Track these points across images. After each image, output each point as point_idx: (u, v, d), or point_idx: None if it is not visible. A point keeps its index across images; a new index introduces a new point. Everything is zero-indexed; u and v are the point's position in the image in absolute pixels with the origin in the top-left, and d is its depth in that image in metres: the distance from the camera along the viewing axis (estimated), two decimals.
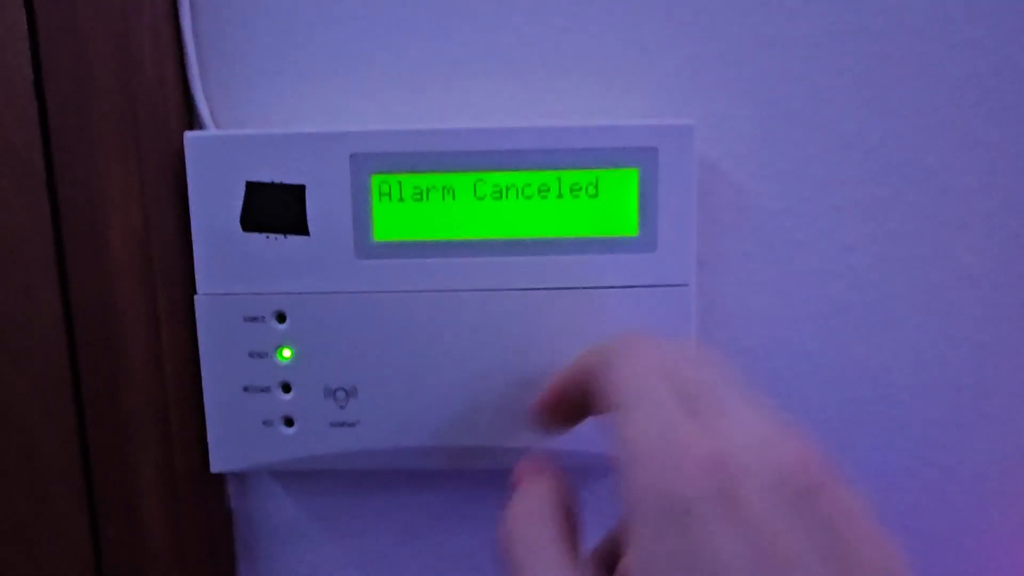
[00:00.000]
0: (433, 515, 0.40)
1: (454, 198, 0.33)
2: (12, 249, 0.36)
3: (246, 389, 0.34)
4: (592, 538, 0.28)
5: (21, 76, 0.35)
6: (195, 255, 0.34)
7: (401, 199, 0.33)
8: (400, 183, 0.33)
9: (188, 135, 0.33)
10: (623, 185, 0.33)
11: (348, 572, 0.41)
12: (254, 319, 0.34)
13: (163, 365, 0.36)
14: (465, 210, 0.33)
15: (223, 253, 0.34)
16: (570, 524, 0.25)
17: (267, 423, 0.35)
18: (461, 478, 0.40)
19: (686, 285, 0.34)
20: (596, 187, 0.33)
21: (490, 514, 0.40)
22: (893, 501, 0.40)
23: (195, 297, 0.34)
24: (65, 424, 0.37)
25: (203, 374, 0.34)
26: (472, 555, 0.41)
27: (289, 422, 0.35)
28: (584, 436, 0.34)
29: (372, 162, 0.33)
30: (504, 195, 0.33)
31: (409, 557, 0.41)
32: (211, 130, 0.35)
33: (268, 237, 0.33)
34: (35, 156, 0.35)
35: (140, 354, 0.36)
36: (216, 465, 0.35)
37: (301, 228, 0.33)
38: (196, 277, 0.34)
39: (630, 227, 0.33)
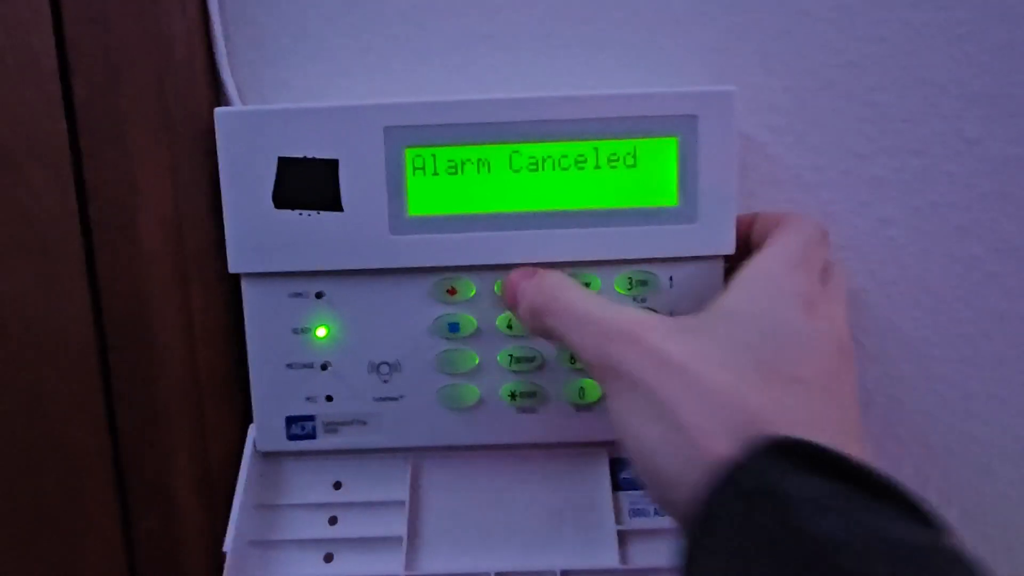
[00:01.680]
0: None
1: (489, 171, 0.33)
2: (41, 237, 0.35)
3: (290, 366, 0.34)
4: None
5: (46, 61, 0.34)
6: (227, 234, 0.33)
7: (436, 172, 0.33)
8: (435, 156, 0.33)
9: (219, 111, 0.33)
10: (662, 154, 0.32)
11: None
12: (294, 295, 0.33)
13: (196, 350, 0.36)
14: (501, 182, 0.33)
15: (257, 231, 0.33)
16: None
17: (310, 399, 0.34)
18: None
19: (729, 256, 0.33)
20: (634, 157, 0.32)
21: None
22: (935, 476, 0.39)
23: (241, 276, 0.33)
24: (95, 414, 0.37)
25: (249, 353, 0.34)
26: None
27: (329, 399, 0.34)
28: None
29: (406, 135, 0.32)
30: (540, 167, 0.33)
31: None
32: (240, 106, 0.35)
33: (301, 214, 0.33)
34: (61, 142, 0.35)
35: (173, 340, 0.36)
36: (263, 444, 0.35)
37: (335, 204, 0.33)
38: (228, 257, 0.33)
39: (670, 197, 0.33)
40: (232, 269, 0.34)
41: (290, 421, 0.34)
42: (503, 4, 0.35)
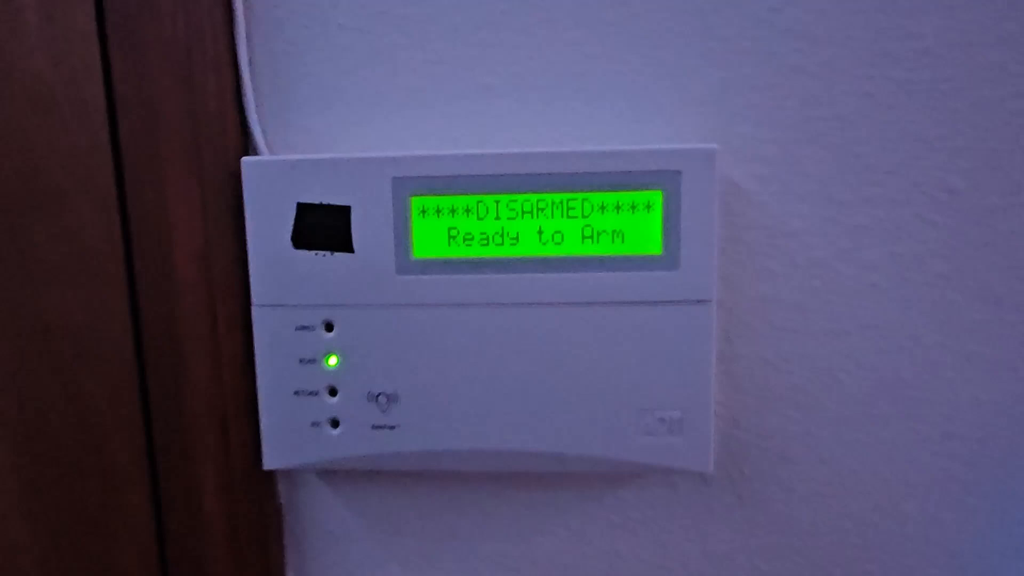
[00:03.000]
0: (472, 517, 0.42)
1: (487, 218, 0.35)
2: (87, 264, 0.39)
3: (296, 393, 0.37)
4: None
5: (95, 108, 0.38)
6: (251, 270, 0.37)
7: (438, 218, 0.36)
8: (437, 204, 0.36)
9: (245, 160, 0.36)
10: (648, 206, 0.35)
11: (390, 569, 0.43)
12: (305, 328, 0.37)
13: (222, 372, 0.40)
14: (498, 229, 0.36)
15: (276, 268, 0.36)
16: None
17: (315, 424, 0.37)
18: (498, 481, 0.42)
19: (708, 301, 0.35)
20: (621, 208, 0.35)
21: (524, 516, 0.42)
22: (914, 512, 0.41)
23: (252, 308, 0.37)
24: (133, 426, 0.41)
25: (258, 379, 0.37)
26: (507, 556, 0.43)
27: (335, 424, 0.38)
28: (600, 441, 0.36)
29: (412, 185, 0.35)
30: (534, 215, 0.35)
31: (448, 556, 0.43)
32: (265, 155, 0.38)
33: (317, 254, 0.36)
34: (108, 181, 0.39)
35: (202, 362, 0.40)
36: (269, 463, 0.38)
37: (347, 246, 0.36)
38: (251, 290, 0.37)
39: (654, 246, 0.35)
40: (255, 301, 0.37)
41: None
42: (506, 58, 0.38)
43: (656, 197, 0.35)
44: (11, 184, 0.39)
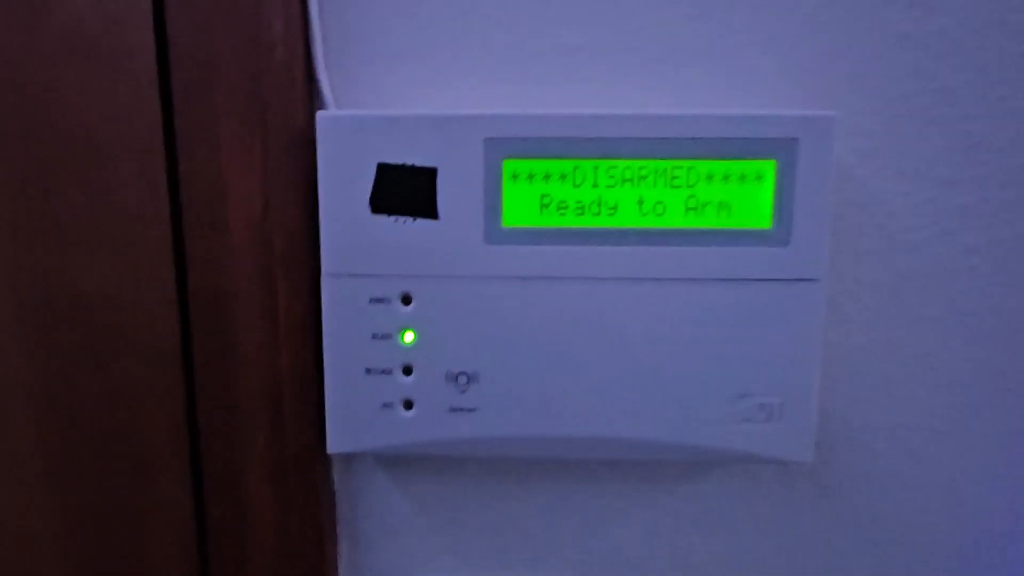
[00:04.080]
0: (536, 507, 0.40)
1: (584, 185, 0.33)
2: (127, 229, 0.36)
3: (368, 371, 0.34)
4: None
5: (142, 55, 0.35)
6: (322, 236, 0.34)
7: (531, 184, 0.33)
8: (531, 169, 0.33)
9: (320, 115, 0.33)
10: (760, 177, 0.33)
11: (449, 561, 0.41)
12: (379, 300, 0.34)
13: (279, 346, 0.36)
14: (595, 198, 0.33)
15: (350, 234, 0.33)
16: None
17: (387, 405, 0.34)
18: (567, 470, 0.39)
19: (818, 280, 0.33)
20: (730, 178, 0.33)
21: (592, 507, 0.40)
22: (1000, 508, 0.39)
23: (322, 277, 0.34)
24: (174, 405, 0.37)
25: (325, 355, 0.34)
26: (568, 547, 0.40)
27: (408, 405, 0.35)
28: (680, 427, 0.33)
29: (506, 147, 0.32)
30: (635, 183, 0.33)
31: (510, 549, 0.40)
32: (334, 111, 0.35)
33: (396, 220, 0.33)
34: (155, 138, 0.35)
35: (254, 336, 0.36)
36: (333, 446, 0.35)
37: (431, 212, 0.33)
38: (322, 258, 0.34)
39: (764, 220, 0.33)
40: (326, 270, 0.34)
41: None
42: (600, 17, 0.36)
43: (769, 167, 0.32)
44: (44, 138, 0.35)
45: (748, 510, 0.40)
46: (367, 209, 0.33)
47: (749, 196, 0.33)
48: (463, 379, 0.34)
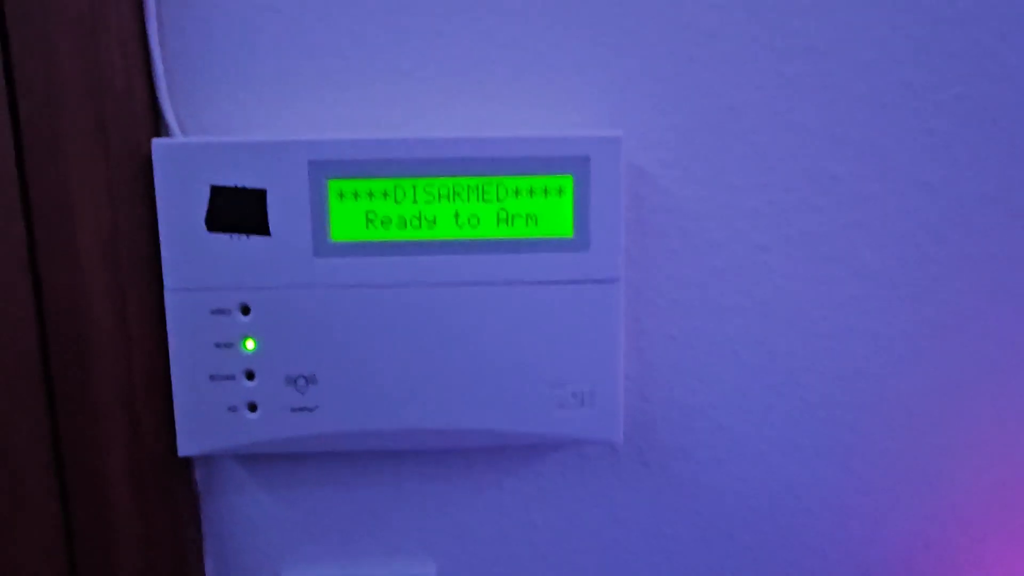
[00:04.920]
0: (389, 495, 0.43)
1: (404, 201, 0.36)
2: None
3: (212, 377, 0.37)
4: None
5: None
6: (163, 254, 0.36)
7: (356, 201, 0.36)
8: (355, 187, 0.36)
9: (156, 142, 0.36)
10: (559, 190, 0.37)
11: (311, 549, 0.44)
12: (220, 312, 0.37)
13: (132, 357, 0.39)
14: (416, 213, 0.36)
15: (190, 251, 0.36)
16: None
17: (232, 409, 0.37)
18: (418, 459, 0.43)
19: (616, 280, 0.37)
20: (535, 192, 0.36)
21: (442, 492, 0.44)
22: (803, 476, 0.44)
23: (165, 292, 0.36)
24: (36, 414, 0.40)
25: (171, 364, 0.37)
26: (427, 530, 0.44)
27: (253, 408, 0.38)
28: (521, 416, 0.37)
29: (329, 168, 0.36)
30: (450, 199, 0.36)
31: (368, 534, 0.44)
32: (178, 137, 0.38)
33: (232, 237, 0.36)
34: (8, 162, 0.37)
35: (109, 347, 0.39)
36: (184, 449, 0.38)
37: (263, 229, 0.36)
38: (163, 274, 0.36)
39: (566, 229, 0.37)
40: (168, 285, 0.37)
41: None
42: (421, 43, 0.39)
43: (567, 182, 0.36)
44: None
45: (582, 488, 0.44)
46: (204, 228, 0.36)
47: (552, 208, 0.37)
48: (302, 381, 0.37)
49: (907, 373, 0.43)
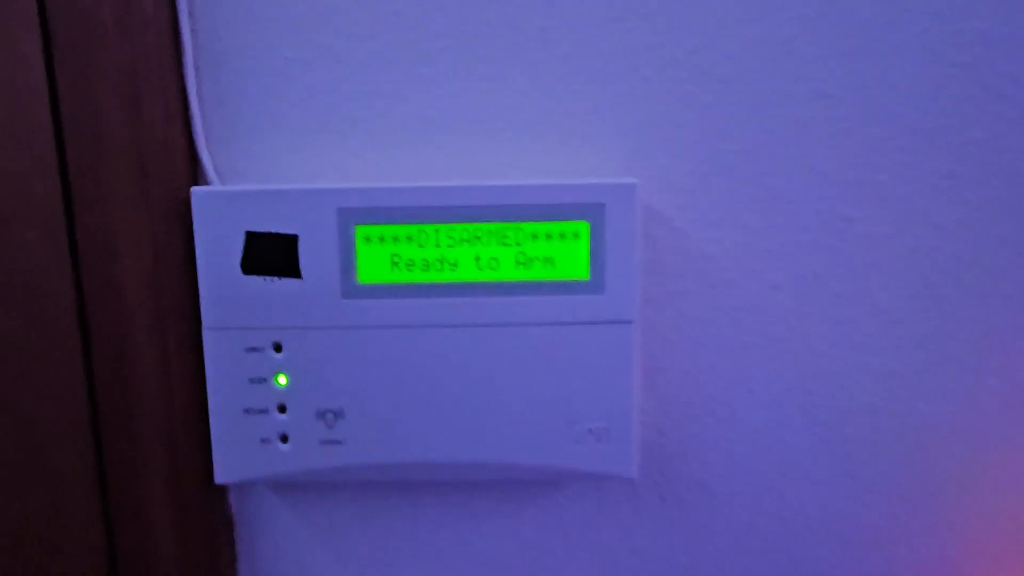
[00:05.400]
0: (414, 523, 0.45)
1: (428, 245, 0.38)
2: (35, 289, 0.40)
3: (246, 411, 0.39)
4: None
5: (43, 136, 0.39)
6: (200, 295, 0.38)
7: (382, 245, 0.38)
8: (381, 232, 0.38)
9: (194, 190, 0.38)
10: (576, 235, 0.38)
11: (334, 571, 0.46)
12: (254, 349, 0.39)
13: (172, 391, 0.41)
14: (438, 256, 0.38)
15: (226, 293, 0.38)
16: None
17: (265, 440, 0.39)
18: (442, 489, 0.45)
19: (630, 322, 0.39)
20: (552, 237, 0.38)
21: (467, 521, 0.45)
22: (815, 507, 0.45)
23: (203, 331, 0.39)
24: (83, 445, 0.42)
25: (209, 397, 0.39)
26: (452, 558, 0.46)
27: (284, 439, 0.40)
28: (540, 449, 0.39)
29: (356, 215, 0.38)
30: (472, 243, 0.38)
31: (395, 561, 0.46)
32: (215, 184, 0.40)
33: (265, 279, 0.38)
34: (56, 208, 0.40)
35: (151, 381, 0.41)
36: (220, 477, 0.40)
37: (294, 272, 0.38)
38: (202, 313, 0.39)
39: (582, 272, 0.38)
40: (206, 324, 0.39)
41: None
42: (444, 92, 0.41)
43: (583, 227, 0.38)
44: None
45: (600, 520, 0.45)
46: (239, 271, 0.38)
47: (569, 252, 0.38)
48: (330, 416, 0.39)
49: (921, 411, 0.44)
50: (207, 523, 0.43)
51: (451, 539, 0.46)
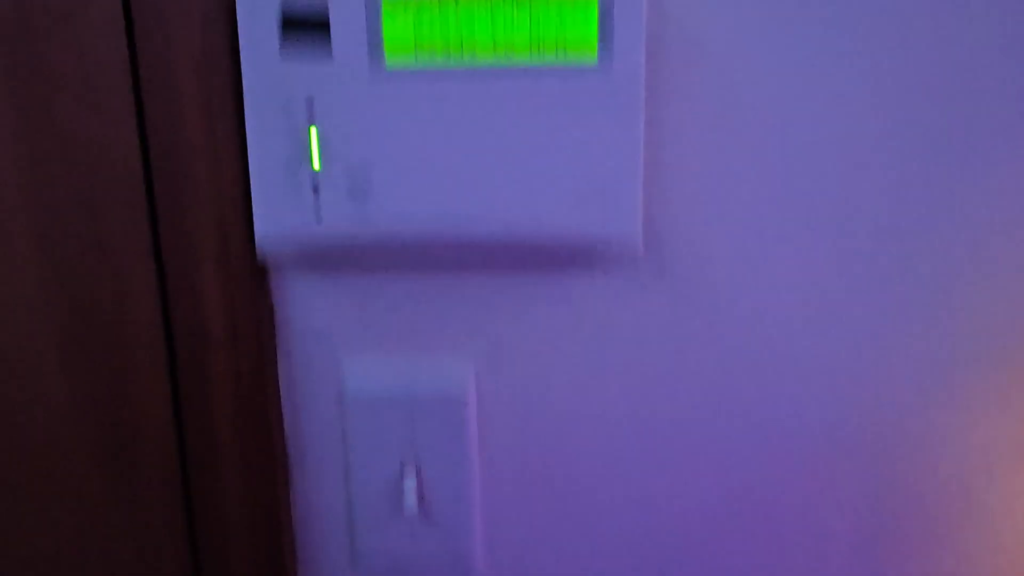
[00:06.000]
0: (439, 306, 0.49)
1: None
2: (97, 78, 0.45)
3: (286, 163, 0.43)
4: None
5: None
6: (243, 72, 0.43)
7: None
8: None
9: None
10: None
11: (364, 342, 0.50)
12: (288, 104, 0.43)
13: (221, 170, 0.45)
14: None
15: (267, 57, 0.42)
16: None
17: (297, 187, 0.44)
18: (462, 273, 0.48)
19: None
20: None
21: (480, 301, 0.49)
22: (811, 299, 0.48)
23: (243, 80, 0.43)
24: (139, 229, 0.47)
25: (249, 150, 0.44)
26: (468, 337, 0.50)
27: (316, 190, 0.44)
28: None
29: None
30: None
31: (418, 340, 0.50)
32: None
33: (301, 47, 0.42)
34: (115, 2, 0.44)
35: (200, 165, 0.45)
36: (260, 230, 0.45)
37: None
38: (244, 94, 0.43)
39: (590, 46, 0.41)
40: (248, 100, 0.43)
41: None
42: None
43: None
44: None
45: (609, 299, 0.49)
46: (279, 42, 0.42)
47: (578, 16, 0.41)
48: (359, 172, 0.43)
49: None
50: (252, 307, 0.47)
51: (481, 313, 0.49)
